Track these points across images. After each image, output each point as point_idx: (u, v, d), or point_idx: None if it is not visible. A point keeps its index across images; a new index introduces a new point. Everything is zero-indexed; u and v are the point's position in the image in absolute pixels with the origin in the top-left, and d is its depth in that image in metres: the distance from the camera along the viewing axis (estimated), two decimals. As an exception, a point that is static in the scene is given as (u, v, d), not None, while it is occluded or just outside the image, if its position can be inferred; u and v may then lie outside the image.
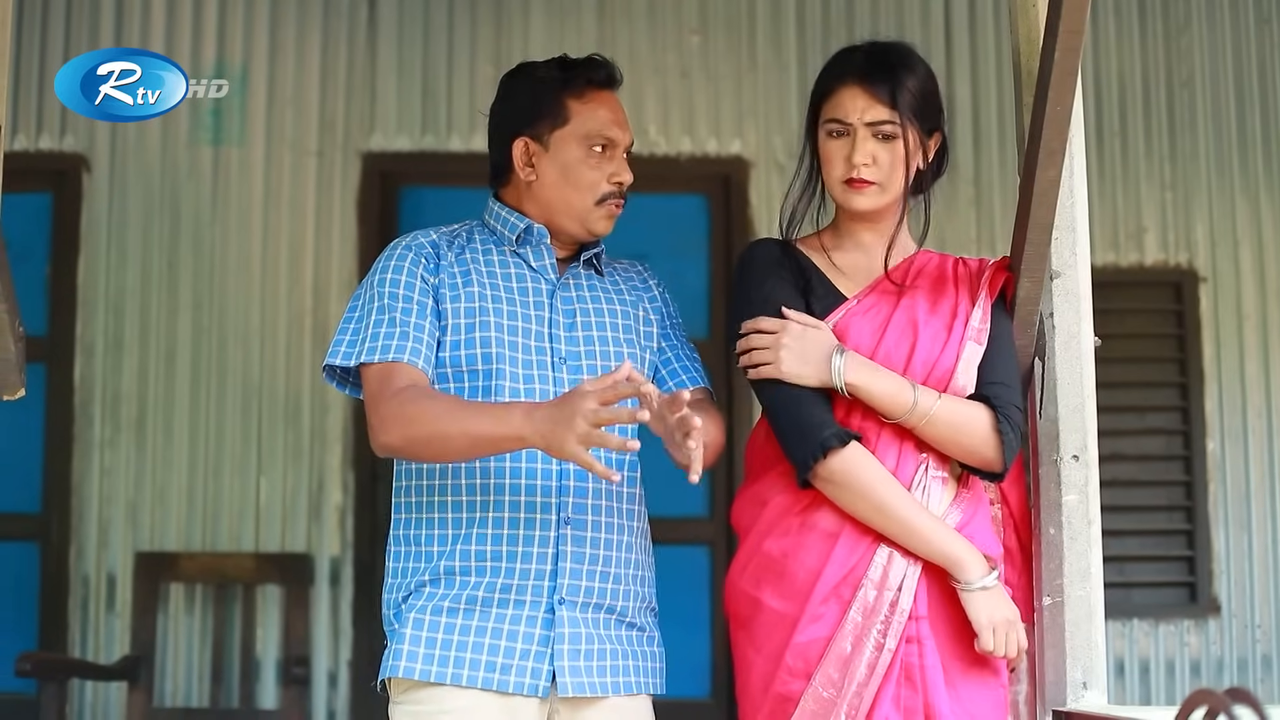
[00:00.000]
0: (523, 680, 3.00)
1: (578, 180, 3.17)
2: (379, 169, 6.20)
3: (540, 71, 3.25)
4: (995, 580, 2.99)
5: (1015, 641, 2.99)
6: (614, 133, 3.19)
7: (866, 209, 3.12)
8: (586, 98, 3.18)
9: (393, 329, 3.07)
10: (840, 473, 2.99)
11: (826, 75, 3.15)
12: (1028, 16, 3.19)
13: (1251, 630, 6.29)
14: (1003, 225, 6.13)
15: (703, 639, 5.99)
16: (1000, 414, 3.03)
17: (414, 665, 3.01)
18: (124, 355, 6.03)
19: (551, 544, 3.05)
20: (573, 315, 3.19)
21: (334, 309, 6.07)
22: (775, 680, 3.01)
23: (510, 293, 3.16)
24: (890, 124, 3.06)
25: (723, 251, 6.19)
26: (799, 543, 3.04)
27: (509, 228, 3.21)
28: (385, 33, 6.25)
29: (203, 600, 5.94)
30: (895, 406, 3.00)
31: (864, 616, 2.97)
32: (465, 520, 3.06)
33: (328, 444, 6.04)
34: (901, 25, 6.38)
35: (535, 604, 3.03)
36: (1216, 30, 6.57)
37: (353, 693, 5.94)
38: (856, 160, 3.06)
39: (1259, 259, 6.47)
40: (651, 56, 6.29)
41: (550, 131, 3.18)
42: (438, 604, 3.03)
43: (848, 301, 3.13)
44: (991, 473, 3.08)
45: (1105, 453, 3.30)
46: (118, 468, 5.98)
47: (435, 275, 3.13)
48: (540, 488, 3.05)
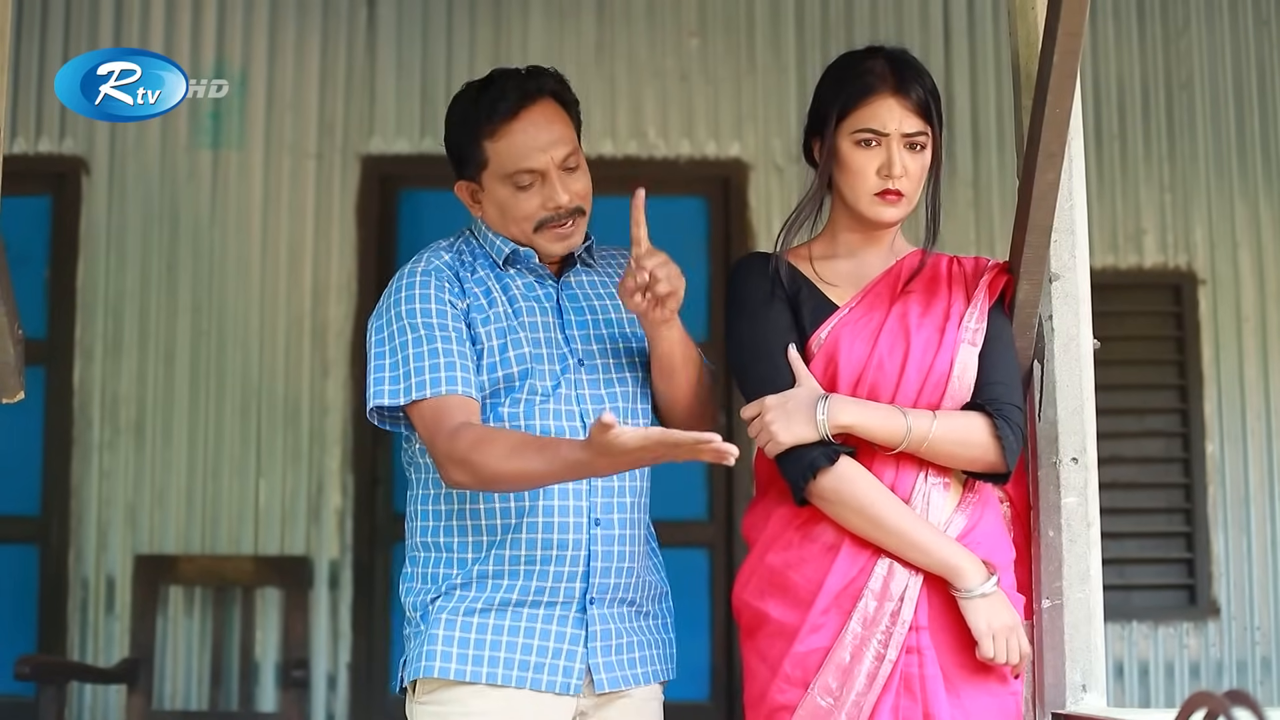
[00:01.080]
0: (555, 679, 3.03)
1: (514, 214, 3.15)
2: (378, 172, 6.20)
3: (460, 110, 3.21)
4: (994, 587, 2.97)
5: (1016, 648, 2.98)
6: (532, 162, 3.11)
7: (894, 220, 3.11)
8: (499, 134, 3.12)
9: (436, 359, 3.04)
10: (832, 490, 2.99)
11: (849, 84, 3.09)
12: (1026, 19, 3.19)
13: (1251, 632, 6.29)
14: (1002, 228, 6.13)
15: (702, 642, 5.99)
16: (997, 416, 3.02)
17: (447, 665, 3.02)
18: (123, 358, 6.03)
19: (584, 546, 3.07)
20: (582, 313, 3.21)
21: (333, 311, 6.07)
22: (772, 688, 3.01)
23: (526, 303, 3.17)
24: (923, 134, 3.05)
25: (722, 254, 6.20)
26: (800, 555, 3.04)
27: (495, 251, 3.20)
28: (384, 35, 6.26)
29: (202, 603, 5.94)
30: (890, 436, 2.99)
31: (864, 627, 2.96)
32: (500, 527, 3.07)
33: (327, 447, 6.05)
34: (900, 28, 6.38)
35: (567, 604, 3.06)
36: (1215, 32, 6.57)
37: (352, 695, 5.94)
38: (896, 172, 3.04)
39: (1258, 261, 6.47)
40: (650, 59, 6.29)
41: (478, 174, 3.18)
42: (470, 605, 3.04)
43: (838, 311, 3.11)
44: (997, 475, 3.08)
45: (1104, 455, 3.30)
46: (117, 470, 5.98)
47: (462, 299, 3.12)
48: (572, 491, 3.07)
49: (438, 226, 3.30)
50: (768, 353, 3.08)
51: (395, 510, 6.05)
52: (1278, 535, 6.34)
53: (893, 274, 3.15)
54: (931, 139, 3.08)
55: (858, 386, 3.04)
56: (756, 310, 3.13)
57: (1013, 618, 2.99)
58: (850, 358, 3.05)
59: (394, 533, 6.02)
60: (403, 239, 6.15)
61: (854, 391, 3.03)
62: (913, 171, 3.06)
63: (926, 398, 3.04)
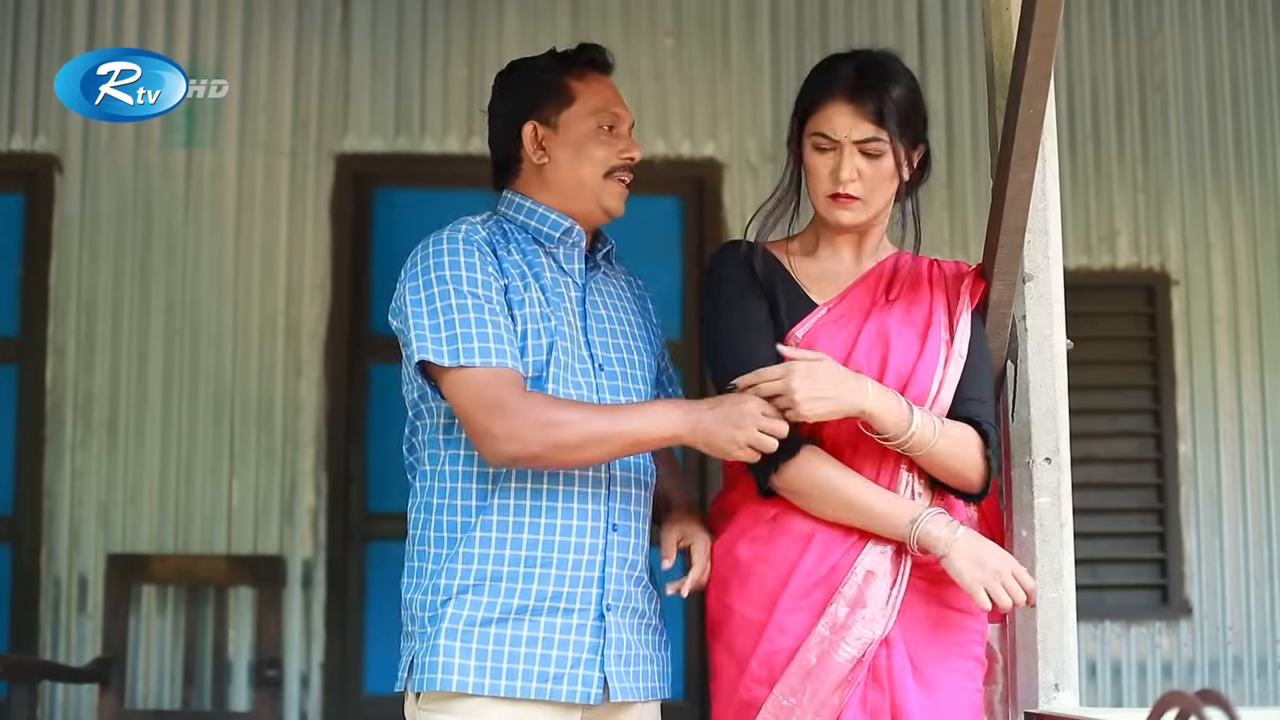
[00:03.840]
0: (575, 689, 2.98)
1: (590, 155, 3.14)
2: (352, 170, 6.18)
3: (540, 61, 3.25)
4: (964, 532, 2.96)
5: (1016, 587, 2.94)
6: (619, 109, 3.19)
7: (849, 224, 3.10)
8: (588, 79, 3.18)
9: (485, 329, 2.95)
10: (796, 479, 3.00)
11: (813, 87, 3.11)
12: (1001, 19, 3.19)
13: (1223, 632, 6.31)
14: (976, 228, 6.15)
15: (676, 641, 5.95)
16: (988, 438, 3.04)
17: (455, 678, 2.95)
18: (96, 357, 6.01)
19: (600, 550, 3.04)
20: (602, 320, 3.19)
21: (306, 311, 6.06)
22: (740, 686, 3.02)
23: (556, 295, 3.12)
24: (877, 141, 3.03)
25: (696, 254, 6.20)
26: (768, 549, 3.05)
27: (549, 225, 3.16)
28: (359, 34, 6.24)
29: (175, 602, 5.92)
30: (898, 426, 2.96)
31: (832, 631, 2.96)
32: (513, 524, 3.01)
33: (300, 446, 6.03)
34: (875, 28, 6.39)
35: (584, 611, 3.01)
36: (1189, 34, 6.59)
37: (325, 695, 5.92)
38: (843, 177, 3.03)
39: (1231, 262, 6.49)
40: (626, 58, 6.23)
41: (557, 113, 3.16)
42: (485, 615, 2.97)
43: (817, 309, 3.11)
44: (969, 494, 3.08)
45: (1077, 455, 3.30)
46: (89, 469, 5.96)
47: (501, 276, 3.05)
48: (590, 495, 3.05)
49: (412, 225, 3.29)
50: (744, 340, 3.08)
51: (368, 509, 6.05)
52: (1250, 535, 6.36)
53: (873, 276, 3.16)
54: (899, 146, 3.04)
55: None
56: (733, 298, 3.13)
57: (999, 559, 2.96)
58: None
59: (367, 532, 6.02)
60: (377, 238, 6.14)
61: None
62: (868, 176, 3.05)
63: None
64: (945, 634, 3.03)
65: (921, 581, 3.02)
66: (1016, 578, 2.95)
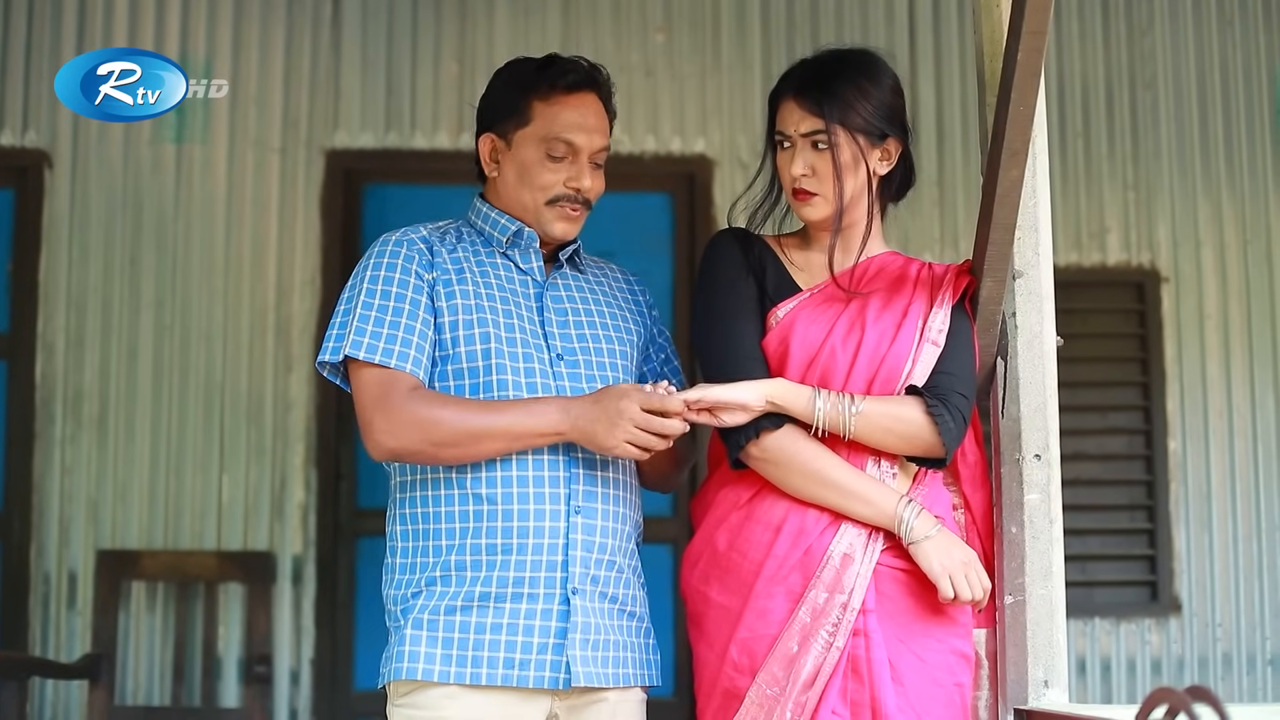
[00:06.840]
0: (542, 674, 3.00)
1: (532, 181, 3.17)
2: (342, 166, 6.18)
3: (515, 71, 3.26)
4: (938, 529, 3.00)
5: (977, 582, 3.00)
6: (575, 137, 3.16)
7: (813, 219, 3.15)
8: (553, 100, 3.16)
9: (389, 330, 3.05)
10: (774, 449, 3.03)
11: (775, 90, 3.19)
12: (991, 17, 3.20)
13: (1212, 629, 6.32)
14: (966, 225, 6.15)
15: (665, 636, 5.93)
16: (931, 397, 3.04)
17: (420, 666, 2.98)
18: (86, 352, 6.01)
19: (562, 534, 3.04)
20: (564, 314, 3.20)
21: (297, 306, 6.06)
22: (721, 675, 3.04)
23: (503, 291, 3.16)
24: (821, 134, 3.08)
25: (687, 250, 6.20)
26: (742, 535, 3.07)
27: (499, 229, 3.21)
28: (349, 30, 6.24)
29: (164, 598, 5.92)
30: (804, 410, 3.02)
31: (812, 618, 2.98)
32: (473, 514, 3.04)
33: (290, 442, 6.03)
34: (866, 25, 6.39)
35: (549, 596, 3.02)
36: (1179, 31, 6.60)
37: (314, 691, 5.92)
38: (794, 171, 3.10)
39: (1221, 259, 6.50)
40: (616, 55, 6.29)
41: (514, 130, 3.19)
42: (449, 604, 3.01)
43: (800, 293, 3.15)
44: (937, 460, 3.09)
45: (1067, 452, 3.32)
46: (79, 465, 5.96)
47: (430, 271, 3.12)
48: (549, 478, 3.06)
49: (402, 221, 3.29)
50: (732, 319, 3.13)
51: (358, 505, 6.05)
52: (1239, 532, 6.37)
53: (859, 269, 3.18)
54: (843, 136, 3.07)
55: (809, 370, 3.07)
56: (723, 282, 3.16)
57: (965, 553, 3.02)
58: (804, 341, 3.08)
59: (357, 528, 6.01)
60: (367, 234, 6.13)
61: (805, 376, 3.07)
62: (821, 171, 3.10)
63: (879, 390, 3.06)
64: (925, 626, 3.04)
65: (902, 574, 3.03)
66: (977, 574, 3.00)
